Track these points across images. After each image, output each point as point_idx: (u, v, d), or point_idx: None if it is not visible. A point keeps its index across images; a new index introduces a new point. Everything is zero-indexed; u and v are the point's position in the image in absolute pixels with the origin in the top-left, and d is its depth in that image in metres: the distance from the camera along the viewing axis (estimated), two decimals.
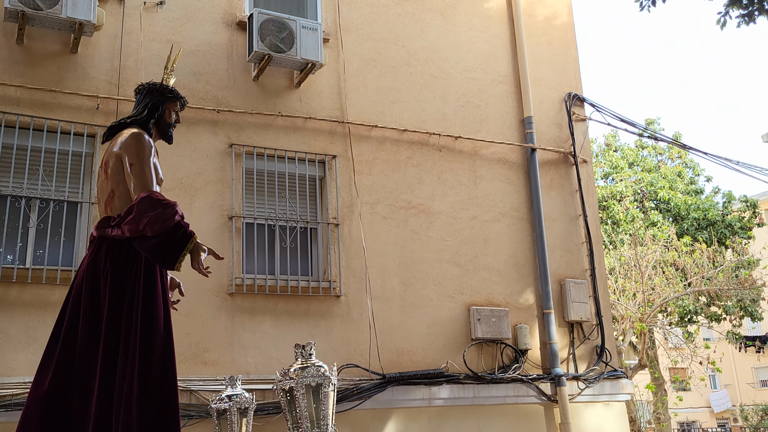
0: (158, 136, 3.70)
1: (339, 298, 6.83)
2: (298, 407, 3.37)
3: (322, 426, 3.33)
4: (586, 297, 8.03)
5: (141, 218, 3.12)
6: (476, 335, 7.25)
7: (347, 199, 7.15)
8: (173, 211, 3.17)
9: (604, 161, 20.85)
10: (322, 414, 3.38)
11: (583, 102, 8.90)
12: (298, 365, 3.45)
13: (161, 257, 3.17)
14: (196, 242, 3.22)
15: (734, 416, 31.39)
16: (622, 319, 14.23)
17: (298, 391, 3.38)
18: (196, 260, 3.24)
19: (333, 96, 7.40)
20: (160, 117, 3.67)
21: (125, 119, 3.62)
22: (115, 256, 3.24)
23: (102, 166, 3.49)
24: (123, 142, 3.41)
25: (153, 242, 3.14)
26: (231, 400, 4.39)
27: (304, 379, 3.38)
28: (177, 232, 3.16)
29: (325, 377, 3.41)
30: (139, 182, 3.28)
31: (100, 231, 3.33)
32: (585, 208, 8.36)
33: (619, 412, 8.01)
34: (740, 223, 18.87)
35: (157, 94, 3.69)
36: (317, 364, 3.47)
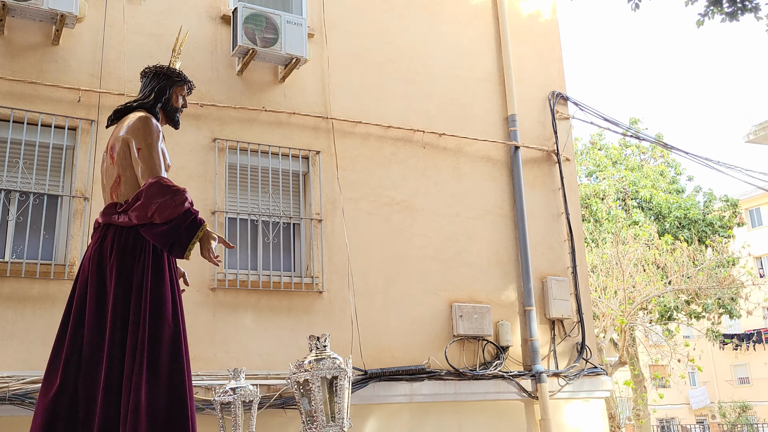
0: (165, 120, 3.59)
1: (321, 294, 6.83)
2: (314, 400, 3.27)
3: (338, 420, 3.25)
4: (567, 294, 8.09)
5: (149, 205, 3.03)
6: (458, 332, 7.28)
7: (330, 195, 7.15)
8: (183, 197, 3.08)
9: (589, 159, 20.99)
10: (337, 407, 3.30)
11: (567, 100, 8.95)
12: (313, 357, 3.34)
13: (170, 245, 3.07)
14: (206, 230, 3.14)
15: (712, 413, 31.78)
16: (603, 316, 14.35)
17: (313, 384, 3.27)
18: (206, 248, 3.15)
19: (317, 91, 7.39)
20: (167, 101, 3.56)
21: (131, 102, 3.52)
22: (122, 243, 3.14)
23: (107, 150, 3.38)
24: (130, 126, 3.31)
25: (161, 229, 3.05)
26: (235, 392, 4.33)
27: (320, 371, 3.27)
28: (186, 220, 3.07)
29: (341, 369, 3.30)
30: (147, 167, 3.17)
31: (106, 217, 3.24)
32: (567, 206, 8.42)
33: (599, 408, 8.08)
34: (721, 222, 19.10)
35: (164, 78, 3.58)
36: (332, 356, 3.36)
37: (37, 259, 5.88)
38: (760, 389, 31.77)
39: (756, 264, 30.48)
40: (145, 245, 3.15)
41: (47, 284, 5.83)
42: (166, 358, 3.05)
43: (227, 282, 6.46)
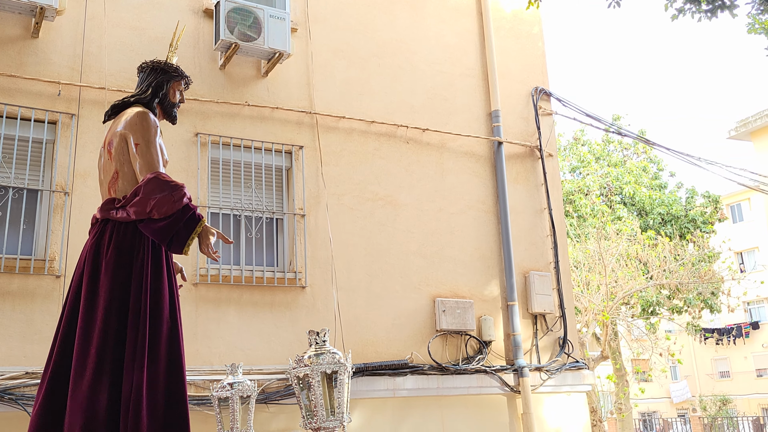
0: (162, 115, 3.58)
1: (304, 289, 6.82)
2: (314, 395, 3.29)
3: (337, 414, 3.27)
4: (549, 289, 8.14)
5: (148, 200, 3.03)
6: (441, 326, 7.31)
7: (314, 190, 7.14)
8: (181, 193, 3.08)
9: (572, 155, 21.11)
10: (337, 402, 3.31)
11: (550, 96, 8.99)
12: (313, 352, 3.37)
13: (169, 240, 3.07)
14: (205, 226, 3.15)
15: (693, 407, 32.13)
16: (585, 311, 14.46)
17: (313, 379, 3.29)
18: (205, 244, 3.17)
19: (300, 86, 7.37)
20: (165, 96, 3.55)
21: (128, 98, 3.49)
22: (120, 238, 3.13)
23: (105, 146, 3.36)
24: (128, 122, 3.28)
25: (160, 225, 3.04)
26: (233, 387, 4.35)
27: (320, 366, 3.30)
28: (185, 215, 3.07)
29: (341, 364, 3.32)
30: (146, 163, 3.16)
31: (104, 213, 3.22)
32: (550, 201, 8.47)
33: (580, 402, 8.15)
34: (702, 218, 19.28)
35: (162, 73, 3.56)
36: (332, 350, 3.39)
37: (17, 254, 5.83)
38: (740, 383, 32.17)
39: (737, 259, 30.83)
40: (143, 241, 3.14)
41: (27, 279, 5.78)
42: (165, 354, 3.07)
43: (209, 277, 6.44)
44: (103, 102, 6.34)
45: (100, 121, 6.31)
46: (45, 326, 5.72)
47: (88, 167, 6.18)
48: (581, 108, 9.19)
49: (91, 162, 6.21)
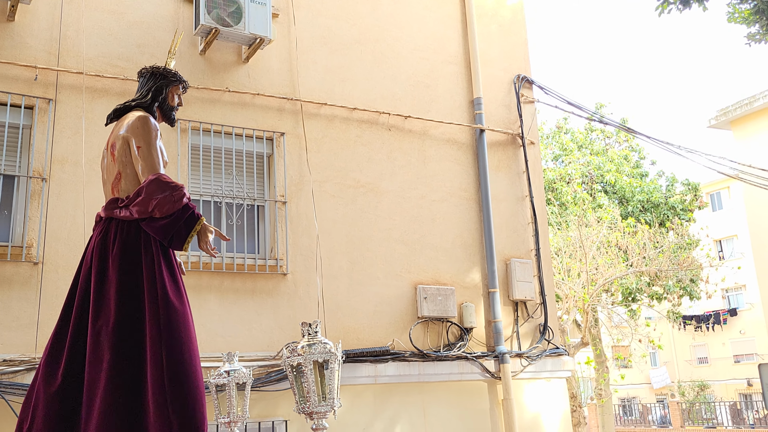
0: (161, 118, 3.78)
1: (286, 276, 6.81)
2: (306, 382, 3.47)
3: (328, 400, 3.46)
4: (530, 276, 8.19)
5: (150, 200, 3.23)
6: (422, 313, 7.34)
7: (295, 177, 7.11)
8: (181, 193, 3.28)
9: (555, 144, 21.19)
10: (328, 389, 3.51)
11: (532, 84, 9.01)
12: (306, 342, 3.55)
13: (170, 238, 3.28)
14: (203, 224, 3.35)
15: (672, 392, 32.58)
16: (566, 298, 14.57)
17: (306, 367, 3.48)
18: (204, 241, 3.38)
19: (282, 72, 7.32)
20: (164, 100, 3.75)
21: (129, 102, 3.70)
22: (124, 236, 3.33)
23: (108, 148, 3.56)
24: (130, 125, 3.48)
25: (161, 223, 3.25)
26: (229, 375, 4.47)
27: (312, 356, 3.49)
28: (185, 214, 3.28)
29: (331, 354, 3.52)
30: (147, 165, 3.36)
31: (108, 212, 3.41)
32: (531, 189, 8.50)
33: (560, 388, 8.23)
34: (682, 205, 19.46)
35: (161, 78, 3.76)
36: (323, 341, 3.57)
37: None
38: (719, 369, 32.66)
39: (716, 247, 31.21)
40: (146, 238, 3.34)
41: (3, 266, 5.72)
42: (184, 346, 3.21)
43: (190, 264, 6.41)
44: (81, 87, 6.26)
45: (78, 107, 6.25)
46: (23, 313, 5.67)
47: (66, 153, 6.12)
48: (563, 96, 9.21)
49: (69, 147, 6.14)
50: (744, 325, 31.75)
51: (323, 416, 3.46)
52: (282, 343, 6.62)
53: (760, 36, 7.83)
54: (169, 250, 3.41)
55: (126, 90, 6.48)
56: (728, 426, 24.60)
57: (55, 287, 5.81)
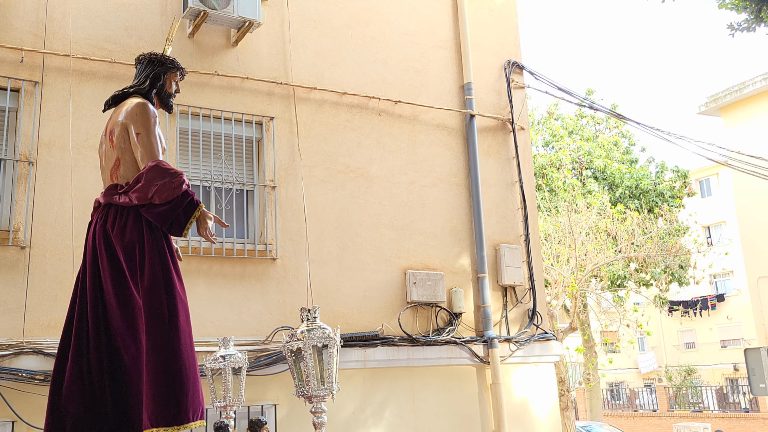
0: (159, 105, 3.78)
1: (275, 261, 6.81)
2: (306, 366, 3.53)
3: (327, 383, 3.53)
4: (519, 262, 8.22)
5: (149, 187, 3.24)
6: (412, 298, 7.36)
7: (284, 162, 7.09)
8: (180, 180, 3.29)
9: (545, 129, 21.19)
10: (327, 372, 3.57)
11: (522, 70, 8.99)
12: (305, 327, 3.61)
13: (169, 224, 3.30)
14: (202, 210, 3.36)
15: (659, 377, 32.89)
16: (555, 283, 14.64)
17: (306, 352, 3.53)
18: (203, 227, 3.39)
19: (271, 56, 7.27)
20: (162, 87, 3.74)
21: (128, 89, 3.69)
22: (123, 222, 3.35)
23: (106, 134, 3.56)
24: (128, 112, 3.48)
25: (161, 209, 3.27)
26: (225, 360, 4.53)
27: (311, 341, 3.54)
28: (184, 201, 3.30)
29: (330, 339, 3.58)
30: (146, 151, 3.37)
31: (107, 198, 3.42)
32: (521, 174, 8.51)
33: (548, 372, 8.29)
34: (671, 192, 19.54)
35: (159, 65, 3.75)
36: (322, 326, 3.63)
37: None
38: (705, 354, 32.96)
39: (704, 233, 31.40)
40: (147, 224, 3.36)
41: None
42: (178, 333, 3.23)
43: (179, 249, 6.37)
44: (68, 70, 6.20)
45: (64, 90, 6.19)
46: (10, 297, 5.65)
47: (53, 136, 6.07)
48: (554, 82, 9.20)
49: (56, 131, 6.09)
50: (731, 310, 32.02)
51: (322, 399, 3.53)
52: (271, 328, 6.63)
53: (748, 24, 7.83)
54: (166, 237, 3.42)
55: (113, 73, 6.42)
56: (714, 410, 24.88)
57: (43, 271, 5.79)
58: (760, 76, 20.05)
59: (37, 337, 5.68)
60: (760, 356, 9.24)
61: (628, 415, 27.56)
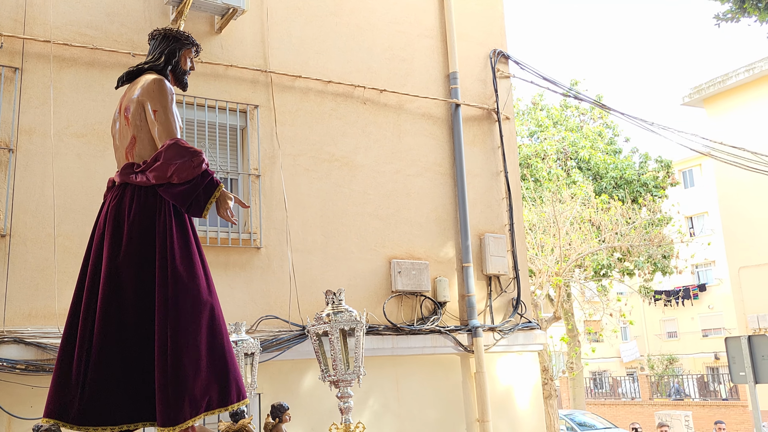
0: (173, 82, 3.67)
1: (259, 250, 6.78)
2: (333, 350, 3.45)
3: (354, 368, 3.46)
4: (504, 251, 8.25)
5: (168, 166, 3.14)
6: (396, 288, 7.36)
7: (269, 150, 7.05)
8: (200, 159, 3.19)
9: (531, 120, 21.24)
10: (354, 356, 3.50)
11: (508, 59, 8.99)
12: (330, 310, 3.53)
13: (188, 204, 3.21)
14: (222, 191, 3.27)
15: (642, 365, 33.24)
16: (540, 273, 14.72)
17: (332, 335, 3.45)
18: (223, 208, 3.30)
19: (256, 44, 7.22)
20: (177, 63, 3.64)
21: (142, 65, 3.58)
22: (141, 201, 3.25)
23: (121, 112, 3.44)
24: (145, 88, 3.36)
25: (180, 189, 3.17)
26: (237, 345, 4.45)
27: (338, 324, 3.46)
28: (204, 180, 3.20)
29: (357, 322, 3.50)
30: (164, 129, 3.26)
31: (123, 177, 3.31)
32: (506, 164, 8.52)
33: (532, 361, 8.35)
34: (654, 182, 19.68)
35: (174, 41, 3.65)
36: (348, 309, 3.55)
37: None
38: (687, 343, 33.34)
39: (687, 223, 31.68)
40: (163, 203, 3.26)
41: None
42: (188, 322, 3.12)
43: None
44: (48, 56, 6.11)
45: (45, 76, 6.10)
46: None
47: (34, 123, 5.99)
48: (539, 71, 9.21)
49: (37, 118, 6.01)
50: (713, 300, 32.40)
51: (348, 384, 3.45)
52: (255, 317, 6.60)
53: (732, 14, 7.87)
54: (186, 218, 3.34)
55: (95, 59, 6.35)
56: (695, 398, 25.19)
57: (23, 260, 5.73)
58: (743, 67, 20.20)
59: (18, 326, 5.63)
60: (741, 345, 9.35)
61: (610, 403, 27.85)
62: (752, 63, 19.93)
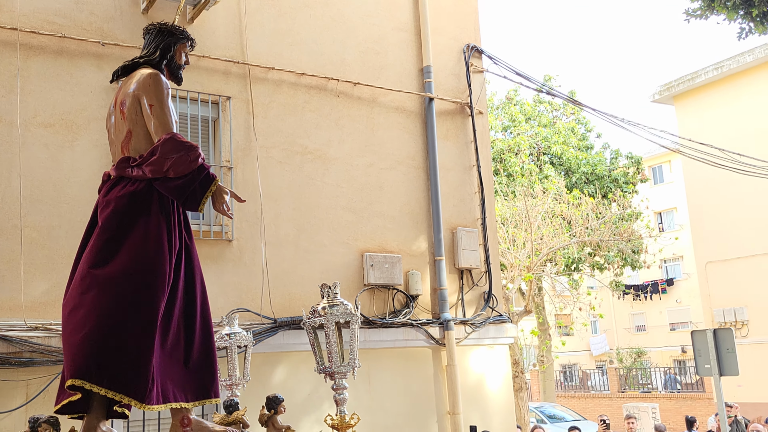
0: (168, 76, 3.69)
1: (231, 243, 6.74)
2: (328, 342, 3.50)
3: (349, 360, 3.50)
4: (476, 245, 8.30)
5: (165, 160, 3.18)
6: (369, 281, 7.37)
7: (241, 142, 7.00)
8: (197, 153, 3.24)
9: (504, 115, 21.35)
10: (349, 349, 3.55)
11: (482, 54, 9.02)
12: (326, 303, 3.58)
13: (184, 198, 3.26)
14: (218, 185, 3.32)
15: (611, 359, 33.70)
16: (511, 267, 14.83)
17: (328, 328, 3.50)
18: (219, 202, 3.35)
19: (228, 35, 7.15)
20: (172, 58, 3.67)
21: (137, 59, 3.61)
22: (135, 195, 3.29)
23: (116, 106, 3.47)
24: (140, 83, 3.40)
25: (176, 183, 3.22)
26: (230, 338, 4.51)
27: (333, 317, 3.51)
28: (200, 175, 3.25)
29: (352, 315, 3.55)
30: (160, 123, 3.30)
31: (119, 171, 3.34)
32: (479, 158, 8.57)
33: (503, 354, 8.42)
34: (625, 178, 19.93)
35: (169, 35, 3.68)
36: (344, 302, 3.60)
37: None
38: (655, 336, 33.89)
39: (656, 219, 32.15)
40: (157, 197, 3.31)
41: None
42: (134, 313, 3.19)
43: None
44: (15, 44, 6.00)
45: (12, 64, 5.99)
46: None
47: (0, 112, 5.88)
48: (512, 67, 9.26)
49: (3, 107, 5.91)
50: (680, 294, 32.93)
51: (344, 376, 3.50)
52: (226, 309, 6.55)
53: (701, 11, 7.98)
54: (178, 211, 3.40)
55: (63, 48, 6.24)
56: (662, 391, 25.63)
57: None
58: (712, 65, 20.51)
59: None
60: (706, 338, 9.52)
61: (580, 395, 28.21)
62: (721, 61, 20.25)
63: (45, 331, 5.61)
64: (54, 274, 5.80)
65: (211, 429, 3.40)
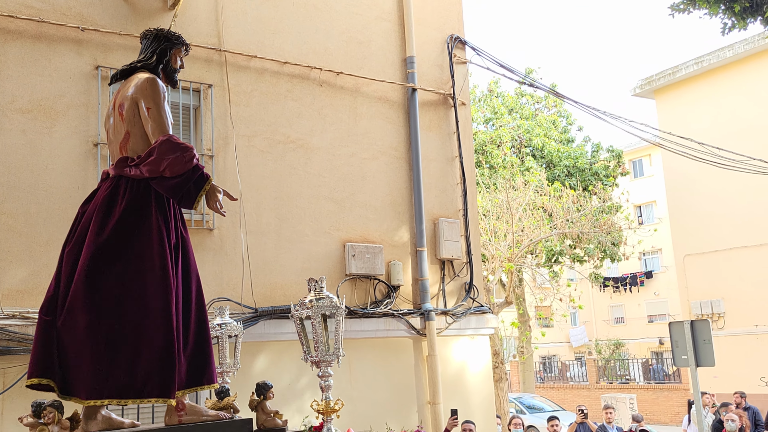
0: (164, 80, 3.86)
1: (212, 232, 6.69)
2: (315, 333, 3.71)
3: (334, 350, 3.71)
4: (458, 236, 8.32)
5: (162, 160, 3.38)
6: (350, 271, 7.37)
7: (223, 131, 6.94)
8: (191, 154, 3.45)
9: (486, 107, 21.39)
10: (333, 339, 3.74)
11: (465, 45, 9.02)
12: (313, 296, 3.78)
13: (180, 196, 3.48)
14: (212, 184, 3.53)
15: (590, 350, 34.04)
16: (492, 258, 14.90)
17: (314, 320, 3.70)
18: (213, 200, 3.57)
19: (210, 22, 7.08)
20: (168, 62, 3.86)
21: (135, 63, 3.79)
22: (133, 193, 3.49)
23: (115, 108, 3.65)
24: (138, 87, 3.58)
25: (172, 182, 3.43)
26: (221, 328, 4.68)
27: (320, 309, 3.71)
28: (195, 174, 3.46)
29: (337, 308, 3.75)
30: (157, 125, 3.50)
31: (118, 170, 3.54)
32: (461, 149, 8.58)
33: (483, 345, 8.46)
34: (605, 171, 20.08)
35: (165, 41, 3.86)
36: (329, 295, 3.81)
37: None
38: (633, 328, 34.28)
39: (635, 212, 32.45)
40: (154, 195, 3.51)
41: None
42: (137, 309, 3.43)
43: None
44: None
45: None
46: None
47: None
48: (495, 58, 9.27)
49: None
50: (658, 286, 33.31)
51: (329, 365, 3.72)
52: (207, 299, 6.51)
53: (683, 6, 8.04)
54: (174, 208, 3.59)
55: (42, 33, 6.14)
56: (640, 382, 25.94)
57: None
58: (692, 60, 20.67)
59: None
60: (683, 330, 9.63)
61: (559, 386, 28.48)
62: (701, 56, 20.41)
63: (22, 319, 5.54)
64: (32, 262, 5.73)
65: (203, 413, 3.64)
